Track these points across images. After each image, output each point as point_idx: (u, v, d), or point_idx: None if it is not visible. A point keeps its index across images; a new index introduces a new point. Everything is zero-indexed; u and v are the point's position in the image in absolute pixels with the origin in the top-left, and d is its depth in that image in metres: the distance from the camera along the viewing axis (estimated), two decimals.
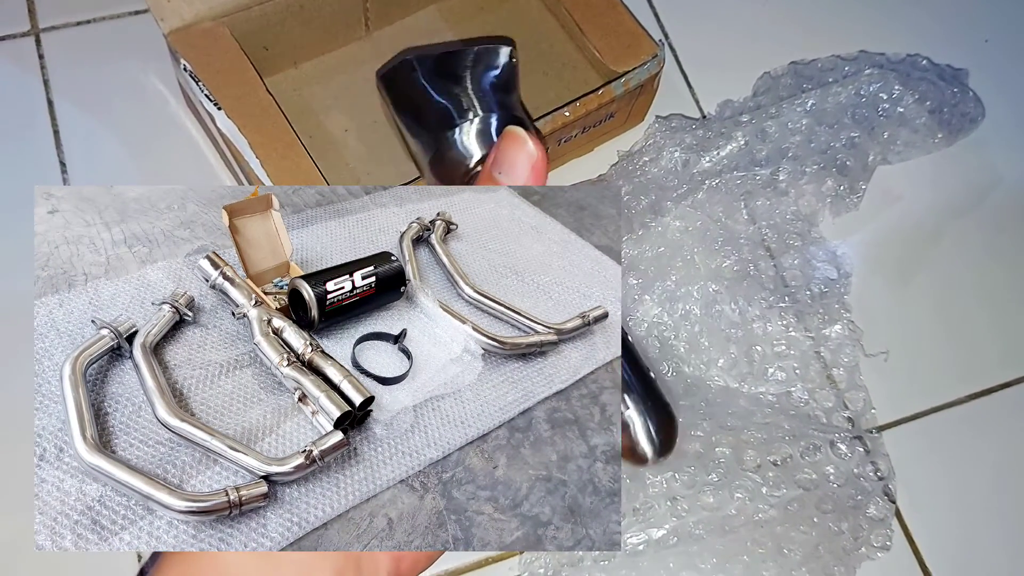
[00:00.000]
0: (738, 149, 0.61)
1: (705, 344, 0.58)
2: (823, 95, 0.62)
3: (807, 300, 0.60)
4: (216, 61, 0.54)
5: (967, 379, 0.61)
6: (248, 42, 0.55)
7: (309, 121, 0.60)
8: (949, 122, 0.64)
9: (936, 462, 0.59)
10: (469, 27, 0.64)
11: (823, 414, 0.57)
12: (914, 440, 0.59)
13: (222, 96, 0.53)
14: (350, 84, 0.62)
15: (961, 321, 0.62)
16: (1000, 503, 0.58)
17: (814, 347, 0.59)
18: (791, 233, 0.61)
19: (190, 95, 0.56)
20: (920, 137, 0.63)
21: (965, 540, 0.57)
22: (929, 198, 0.65)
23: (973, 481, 0.58)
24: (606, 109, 0.58)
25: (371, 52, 0.63)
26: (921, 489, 0.57)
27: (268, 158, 0.52)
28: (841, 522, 0.53)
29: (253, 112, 0.53)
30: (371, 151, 0.60)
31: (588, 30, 0.59)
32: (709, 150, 0.61)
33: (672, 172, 0.61)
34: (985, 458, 0.59)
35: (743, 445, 0.55)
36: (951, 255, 0.64)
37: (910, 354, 0.60)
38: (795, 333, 0.59)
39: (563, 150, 0.60)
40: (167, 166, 0.59)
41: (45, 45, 0.61)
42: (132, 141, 0.59)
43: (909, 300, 0.62)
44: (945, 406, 0.60)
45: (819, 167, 0.61)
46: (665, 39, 0.68)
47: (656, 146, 0.61)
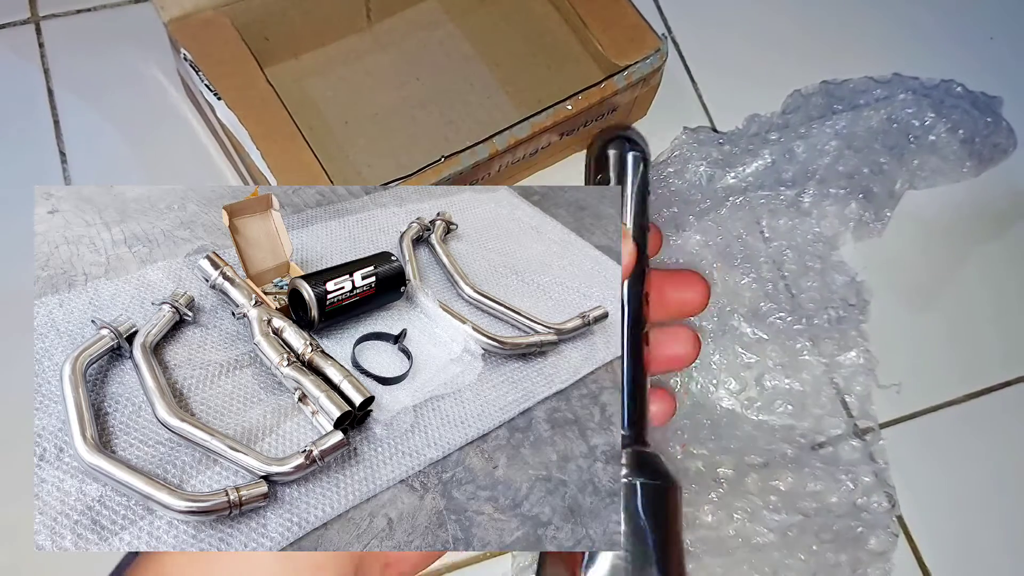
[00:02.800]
0: (764, 167, 0.61)
1: (715, 364, 0.58)
2: (854, 118, 0.61)
3: (824, 324, 0.59)
4: (216, 51, 0.54)
5: (967, 378, 0.61)
6: (249, 32, 0.55)
7: (309, 112, 0.60)
8: (980, 152, 0.64)
9: (935, 461, 0.58)
10: (471, 19, 0.64)
11: (831, 443, 0.57)
12: (913, 439, 0.58)
13: (222, 86, 0.52)
14: (351, 76, 0.61)
15: (964, 322, 0.62)
16: (1000, 503, 0.58)
17: (828, 373, 0.58)
18: (811, 255, 0.60)
19: (190, 85, 0.56)
20: (949, 166, 0.63)
21: (965, 539, 0.57)
22: (952, 224, 0.64)
23: (972, 480, 0.58)
24: (608, 103, 0.58)
25: (372, 44, 0.63)
26: (920, 489, 0.57)
27: (268, 149, 0.52)
28: (840, 553, 0.53)
29: (253, 103, 0.53)
30: (371, 143, 0.60)
31: (591, 23, 0.59)
32: (735, 166, 0.60)
33: (696, 186, 0.60)
34: (985, 457, 0.59)
35: (746, 468, 0.55)
36: (971, 279, 0.63)
37: (912, 356, 0.60)
38: (809, 357, 0.58)
39: (565, 144, 0.60)
40: (167, 156, 0.58)
41: (45, 33, 0.61)
42: (132, 131, 0.59)
43: (925, 326, 0.61)
44: (944, 405, 0.60)
45: (845, 191, 0.60)
46: (668, 33, 0.67)
47: (682, 158, 0.61)
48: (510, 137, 0.54)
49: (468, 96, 0.62)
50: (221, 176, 0.59)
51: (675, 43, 0.67)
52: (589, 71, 0.60)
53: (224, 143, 0.56)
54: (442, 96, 0.62)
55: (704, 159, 0.60)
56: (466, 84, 0.62)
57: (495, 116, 0.61)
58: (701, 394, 0.58)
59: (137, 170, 0.58)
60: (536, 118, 0.55)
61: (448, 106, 0.61)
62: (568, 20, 0.61)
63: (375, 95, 0.61)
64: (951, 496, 0.58)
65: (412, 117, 0.61)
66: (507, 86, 0.62)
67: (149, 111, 0.59)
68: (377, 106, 0.60)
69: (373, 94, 0.60)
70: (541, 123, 0.55)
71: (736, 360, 0.58)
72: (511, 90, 0.62)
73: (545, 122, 0.55)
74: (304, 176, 0.51)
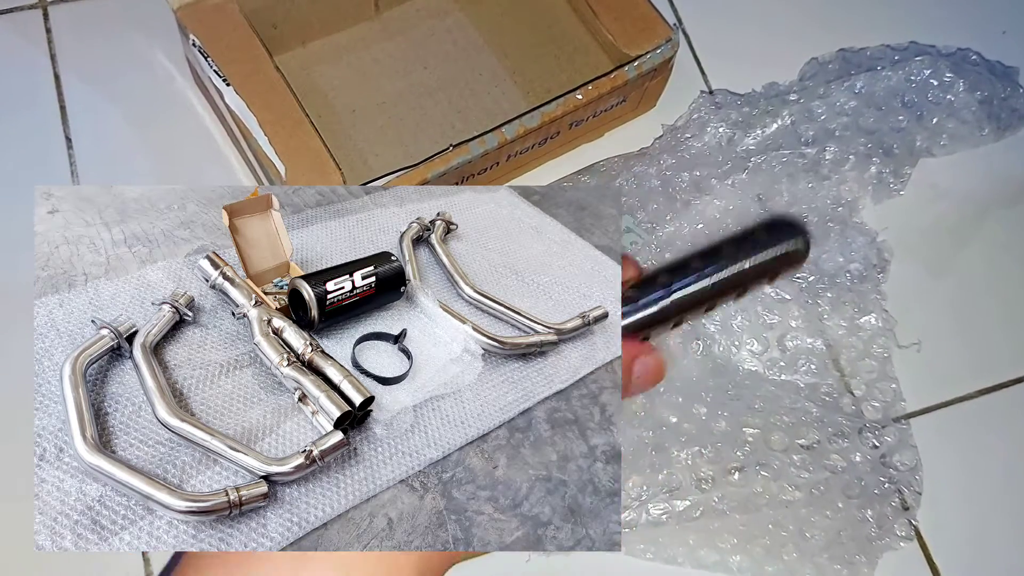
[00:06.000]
0: (783, 128, 0.61)
1: (737, 326, 0.58)
2: (872, 78, 0.61)
3: (845, 286, 0.59)
4: (225, 37, 0.54)
5: (979, 374, 0.61)
6: (257, 19, 0.55)
7: (317, 100, 0.60)
8: (998, 116, 0.64)
9: (947, 456, 0.58)
10: (479, 8, 0.63)
11: (852, 402, 0.57)
12: (925, 434, 0.58)
13: (231, 72, 0.52)
14: (359, 64, 0.61)
15: (976, 316, 0.62)
16: (1010, 499, 0.58)
17: (847, 335, 0.58)
18: (832, 218, 0.60)
19: (198, 71, 0.56)
20: (968, 129, 0.63)
21: (973, 536, 0.56)
22: (971, 191, 0.64)
23: (983, 476, 0.58)
24: (618, 93, 0.57)
25: (380, 32, 0.62)
26: (930, 483, 0.57)
27: (276, 135, 0.52)
28: (866, 509, 0.53)
29: (262, 89, 0.53)
30: (379, 131, 0.59)
31: (601, 12, 0.58)
32: (754, 128, 0.60)
33: (717, 148, 0.60)
34: (995, 453, 0.58)
35: (771, 427, 0.55)
36: (987, 249, 0.63)
37: (929, 347, 0.60)
38: (828, 321, 0.59)
39: (574, 134, 0.60)
40: (173, 142, 0.58)
41: (52, 18, 0.61)
42: (138, 116, 0.59)
43: (943, 291, 0.61)
44: (956, 400, 0.60)
45: (865, 149, 0.60)
46: (679, 24, 0.67)
47: (700, 121, 0.60)
48: (519, 126, 0.54)
49: (476, 85, 0.62)
50: (227, 162, 0.59)
51: (685, 33, 0.67)
52: (598, 61, 0.59)
53: (232, 129, 0.56)
54: (450, 85, 0.61)
55: (724, 121, 0.60)
56: (474, 73, 0.62)
57: (503, 105, 0.61)
58: (723, 356, 0.58)
59: (143, 156, 0.58)
60: (546, 107, 0.55)
61: (456, 95, 0.61)
62: (577, 10, 0.61)
63: (383, 83, 0.60)
64: (960, 491, 0.57)
65: (420, 105, 0.61)
66: (515, 75, 0.62)
67: (155, 97, 0.59)
68: (385, 94, 0.60)
69: (381, 82, 0.60)
70: (551, 112, 0.55)
71: (758, 321, 0.58)
72: (519, 79, 0.62)
73: (555, 112, 0.55)
74: (311, 162, 0.51)
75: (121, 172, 0.58)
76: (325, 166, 0.51)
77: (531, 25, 0.63)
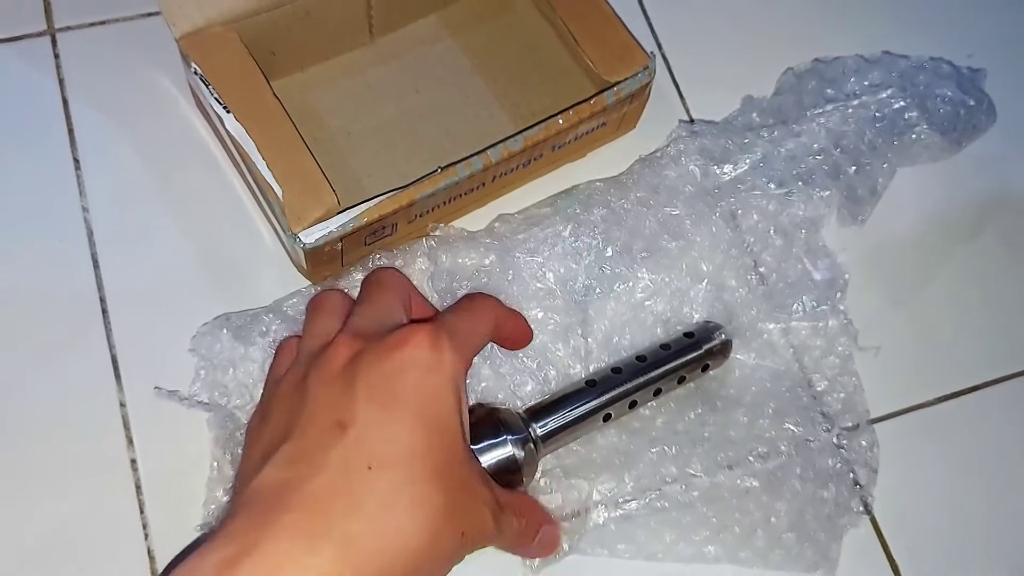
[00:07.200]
0: (754, 166, 0.62)
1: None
2: (843, 116, 0.64)
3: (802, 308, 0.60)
4: (225, 65, 0.55)
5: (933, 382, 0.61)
6: (256, 47, 0.57)
7: (314, 123, 0.61)
8: (959, 141, 0.65)
9: (902, 465, 0.59)
10: (469, 35, 0.65)
11: (811, 399, 0.58)
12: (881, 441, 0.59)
13: (231, 99, 0.54)
14: (354, 88, 0.63)
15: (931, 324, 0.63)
16: (963, 506, 0.59)
17: (808, 338, 0.60)
18: (795, 239, 0.61)
19: (200, 97, 0.57)
20: (929, 154, 0.65)
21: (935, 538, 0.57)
22: (935, 208, 0.66)
23: (937, 484, 0.59)
24: (598, 117, 0.59)
25: (374, 58, 0.64)
26: (889, 491, 0.58)
27: (274, 159, 0.53)
28: (822, 490, 0.55)
29: (260, 115, 0.54)
30: (372, 154, 0.61)
31: (582, 40, 0.60)
32: (726, 162, 0.62)
33: (691, 182, 0.61)
34: (949, 461, 0.59)
35: (730, 422, 0.56)
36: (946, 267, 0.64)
37: (885, 356, 0.61)
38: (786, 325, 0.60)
39: (557, 156, 0.62)
40: (178, 166, 0.60)
41: (61, 45, 0.62)
42: (144, 139, 0.61)
43: (902, 307, 0.62)
44: (910, 409, 0.61)
45: (832, 183, 0.62)
46: (659, 49, 0.69)
47: (676, 154, 0.61)
48: (504, 149, 0.56)
49: (465, 108, 0.64)
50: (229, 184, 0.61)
51: (664, 58, 0.69)
52: (582, 85, 0.61)
53: (232, 153, 0.57)
54: (440, 108, 0.63)
55: (699, 152, 0.62)
56: (463, 97, 0.64)
57: (491, 128, 0.63)
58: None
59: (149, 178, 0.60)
60: (529, 132, 0.57)
61: (446, 118, 0.63)
62: (561, 37, 0.63)
63: (376, 107, 0.62)
64: (921, 498, 0.58)
65: (412, 128, 0.62)
66: (503, 99, 0.64)
67: (160, 120, 0.61)
68: (378, 118, 0.62)
69: (374, 106, 0.62)
70: (534, 136, 0.57)
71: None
72: (506, 103, 0.64)
73: (538, 135, 0.57)
74: (307, 184, 0.53)
75: (127, 193, 0.59)
76: (320, 187, 0.53)
77: (518, 51, 0.65)
